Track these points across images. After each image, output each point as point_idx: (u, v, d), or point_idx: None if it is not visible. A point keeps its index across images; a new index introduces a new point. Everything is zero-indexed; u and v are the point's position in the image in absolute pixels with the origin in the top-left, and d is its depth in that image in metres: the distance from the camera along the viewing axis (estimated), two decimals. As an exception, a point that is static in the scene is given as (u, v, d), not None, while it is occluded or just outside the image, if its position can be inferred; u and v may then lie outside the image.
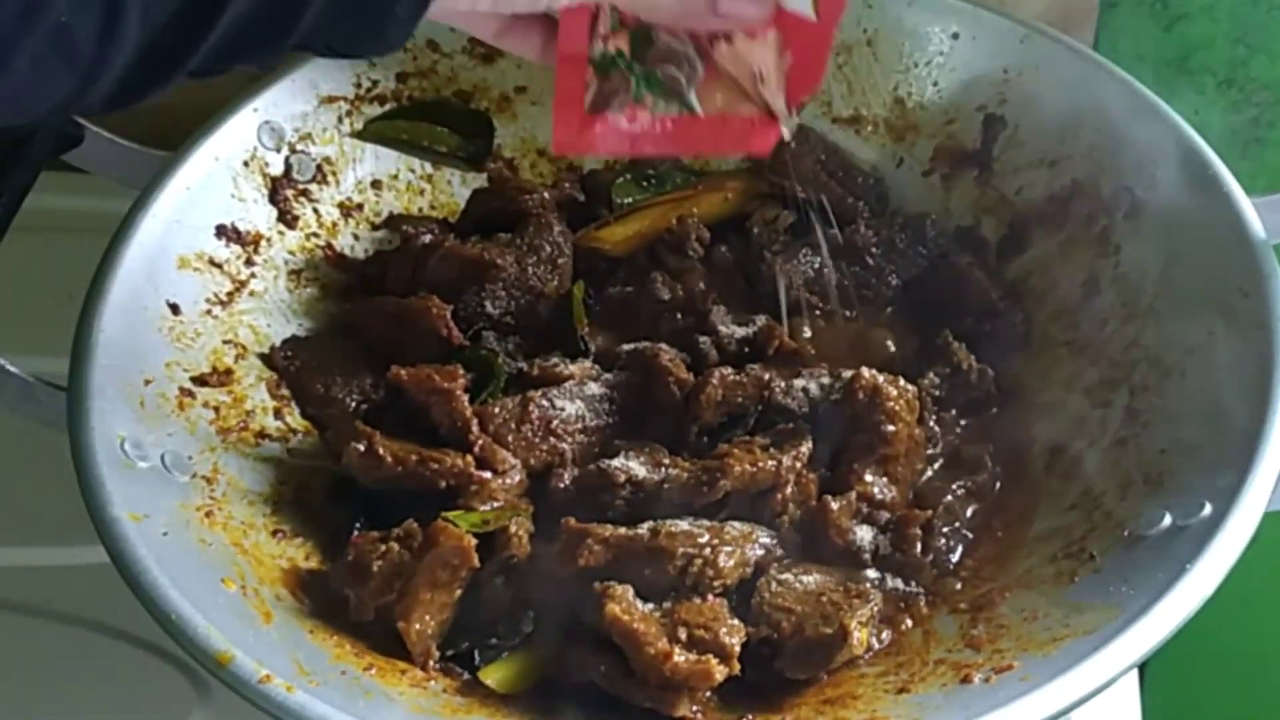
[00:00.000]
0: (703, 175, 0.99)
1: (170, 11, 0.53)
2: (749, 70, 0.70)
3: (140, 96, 0.55)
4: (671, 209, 0.94)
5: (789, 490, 0.78)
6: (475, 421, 0.80)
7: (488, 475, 0.79)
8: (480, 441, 0.80)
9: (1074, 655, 0.66)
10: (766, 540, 0.77)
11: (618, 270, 0.92)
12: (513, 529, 0.75)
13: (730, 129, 0.72)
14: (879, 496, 0.79)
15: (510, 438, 0.81)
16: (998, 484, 0.83)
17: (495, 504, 0.77)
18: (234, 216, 0.89)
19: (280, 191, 0.91)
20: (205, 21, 0.54)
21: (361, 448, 0.78)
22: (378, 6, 0.58)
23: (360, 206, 0.95)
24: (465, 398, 0.81)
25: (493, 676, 0.73)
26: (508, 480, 0.79)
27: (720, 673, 0.70)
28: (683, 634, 0.71)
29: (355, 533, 0.77)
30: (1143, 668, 0.87)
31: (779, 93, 0.71)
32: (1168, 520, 0.72)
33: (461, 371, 0.82)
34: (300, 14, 0.56)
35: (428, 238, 0.91)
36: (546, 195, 0.92)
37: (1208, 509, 0.70)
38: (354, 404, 0.86)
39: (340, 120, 0.94)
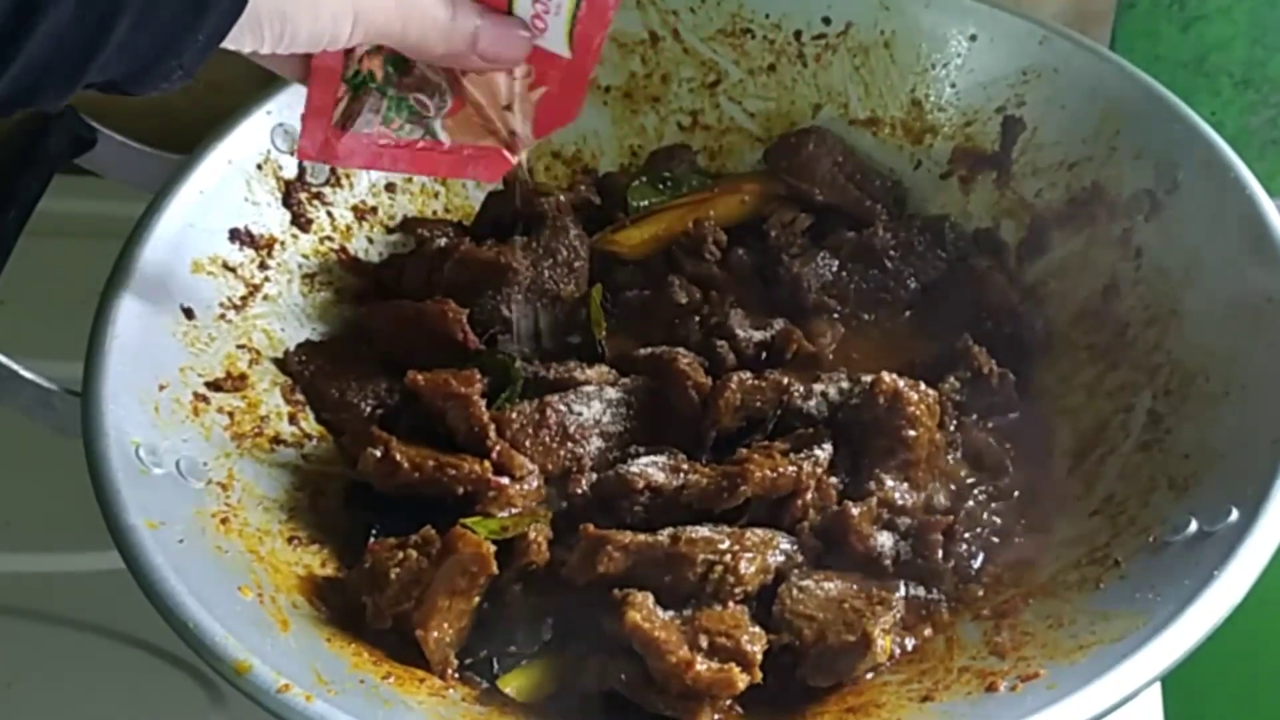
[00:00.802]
0: (719, 178, 0.98)
1: None
2: (495, 98, 0.73)
3: None
4: (688, 212, 0.93)
5: (809, 496, 0.77)
6: (493, 427, 0.79)
7: (505, 481, 0.78)
8: (498, 447, 0.79)
9: (1102, 663, 0.65)
10: (787, 546, 0.76)
11: (634, 274, 0.92)
12: (531, 535, 0.74)
13: (468, 157, 0.76)
14: (900, 502, 0.78)
15: (528, 443, 0.80)
16: (1019, 490, 0.83)
17: (513, 510, 0.77)
18: (247, 220, 0.88)
19: (294, 195, 0.91)
20: None
21: (378, 453, 0.78)
22: (170, 47, 0.60)
23: (374, 209, 0.94)
24: (482, 403, 0.80)
25: (512, 685, 0.72)
26: (526, 486, 0.78)
27: (742, 681, 0.69)
28: (704, 642, 0.70)
29: (372, 539, 0.77)
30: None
31: (525, 121, 0.74)
32: (1194, 526, 0.71)
33: (478, 376, 0.81)
34: (93, 55, 0.58)
35: (443, 241, 0.90)
36: (562, 198, 0.91)
37: (1234, 514, 0.69)
38: (369, 409, 0.85)
39: (354, 123, 0.94)
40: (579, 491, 0.79)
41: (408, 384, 0.81)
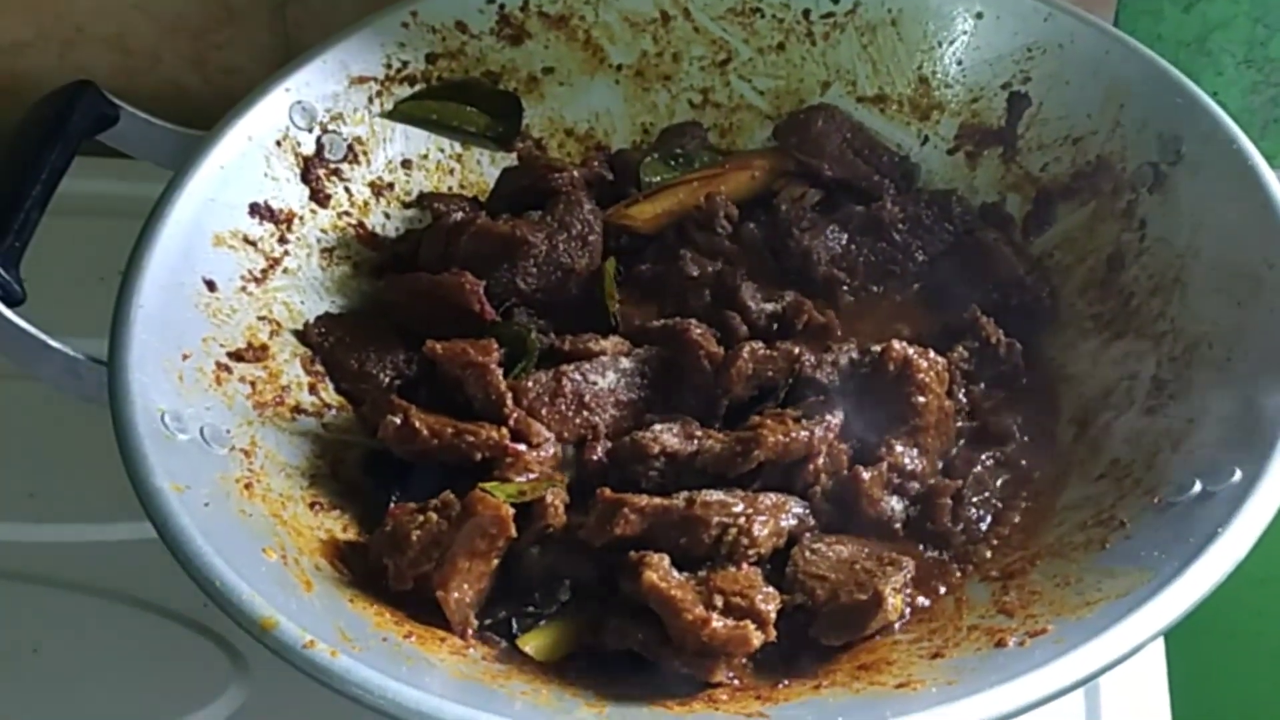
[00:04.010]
0: (730, 154, 1.00)
1: None
2: None
3: None
4: (700, 187, 0.95)
5: (821, 461, 0.79)
6: (510, 395, 0.81)
7: (523, 448, 0.79)
8: (515, 415, 0.80)
9: (1108, 618, 0.66)
10: (799, 510, 0.77)
11: (646, 248, 0.93)
12: (549, 499, 0.76)
13: None
14: (909, 467, 0.80)
15: (544, 411, 0.82)
16: (1026, 455, 0.84)
17: (530, 476, 0.78)
18: (267, 195, 0.90)
19: (312, 170, 0.92)
20: None
21: (398, 421, 0.79)
22: None
23: (391, 185, 0.96)
24: (499, 372, 0.81)
25: (531, 644, 0.74)
26: (542, 453, 0.80)
27: (757, 638, 0.70)
28: (719, 601, 0.71)
29: (393, 504, 0.78)
30: (1169, 637, 0.88)
31: None
32: (1198, 487, 0.72)
33: (495, 346, 0.82)
34: None
35: (459, 215, 0.91)
36: (576, 173, 0.93)
37: (1237, 475, 0.71)
38: (388, 379, 0.86)
39: (371, 100, 0.95)
40: (595, 458, 0.81)
41: (426, 352, 0.82)
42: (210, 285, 0.84)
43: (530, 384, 0.82)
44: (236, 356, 0.83)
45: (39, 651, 0.87)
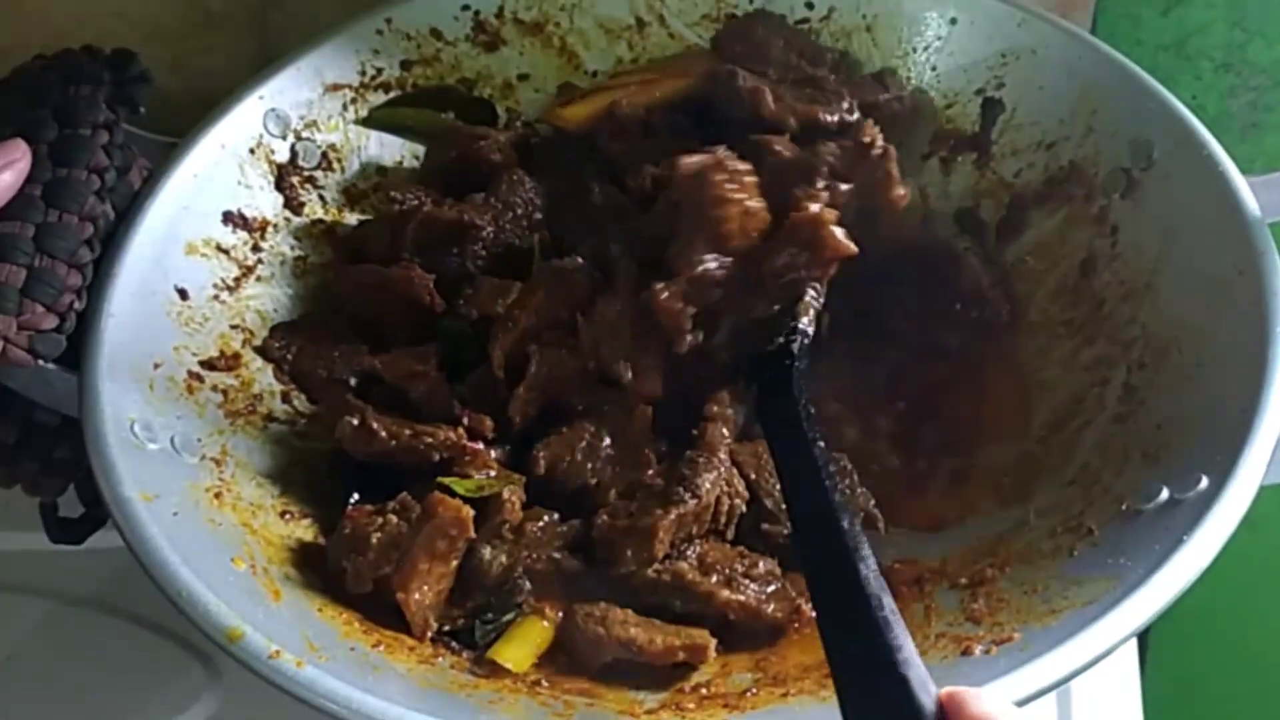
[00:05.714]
0: (667, 60, 0.99)
1: None
2: None
3: None
4: (636, 91, 0.94)
5: None
6: (455, 400, 0.82)
7: (480, 445, 0.80)
8: (465, 415, 0.81)
9: (1073, 625, 0.66)
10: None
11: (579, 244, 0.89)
12: (506, 495, 0.77)
13: None
14: (714, 273, 0.79)
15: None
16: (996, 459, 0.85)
17: (490, 473, 0.79)
18: (241, 203, 0.90)
19: (286, 178, 0.92)
20: None
21: (355, 422, 0.79)
22: None
23: (365, 193, 0.96)
24: (442, 376, 0.82)
25: (502, 655, 0.74)
26: (500, 450, 0.81)
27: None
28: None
29: (351, 506, 0.78)
30: (1144, 651, 0.88)
31: None
32: (1165, 494, 0.72)
33: (434, 350, 0.83)
34: None
35: (406, 204, 0.90)
36: (502, 138, 0.93)
37: (1204, 482, 0.71)
38: (351, 380, 0.86)
39: (345, 107, 0.95)
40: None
41: (369, 370, 0.83)
42: (182, 294, 0.84)
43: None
44: (208, 365, 0.83)
45: (13, 660, 0.87)
